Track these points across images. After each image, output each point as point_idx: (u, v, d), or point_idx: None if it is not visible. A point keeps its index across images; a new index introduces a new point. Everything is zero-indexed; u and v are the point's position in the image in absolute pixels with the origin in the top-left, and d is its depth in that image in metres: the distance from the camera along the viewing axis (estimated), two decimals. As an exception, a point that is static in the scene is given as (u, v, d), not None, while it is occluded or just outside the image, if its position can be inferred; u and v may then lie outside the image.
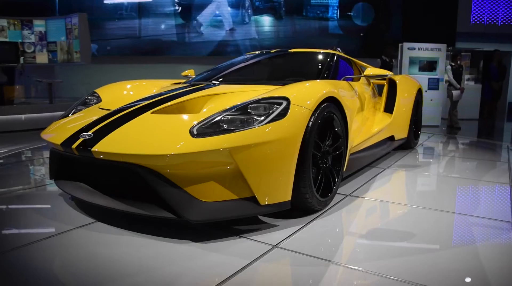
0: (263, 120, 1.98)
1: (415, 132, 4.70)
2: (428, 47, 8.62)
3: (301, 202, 2.23)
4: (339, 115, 2.54)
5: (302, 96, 2.20)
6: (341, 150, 2.59)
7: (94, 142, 2.06)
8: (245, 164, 1.89)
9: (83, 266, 1.70)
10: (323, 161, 2.42)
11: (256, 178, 1.93)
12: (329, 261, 1.74)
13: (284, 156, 2.01)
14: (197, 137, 1.90)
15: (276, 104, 2.08)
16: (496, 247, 1.97)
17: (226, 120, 2.02)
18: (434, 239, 2.04)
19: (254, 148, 1.90)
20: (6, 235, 2.06)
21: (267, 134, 1.94)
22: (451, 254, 1.85)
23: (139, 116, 2.28)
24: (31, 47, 8.85)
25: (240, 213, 1.98)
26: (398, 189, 3.08)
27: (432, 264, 1.75)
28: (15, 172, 3.52)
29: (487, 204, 2.77)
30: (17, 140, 5.23)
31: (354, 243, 1.98)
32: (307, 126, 2.13)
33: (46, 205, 2.56)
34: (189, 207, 1.89)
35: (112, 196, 2.11)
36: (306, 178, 2.14)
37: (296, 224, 2.16)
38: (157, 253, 1.80)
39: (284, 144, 1.99)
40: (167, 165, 1.87)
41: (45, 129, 2.59)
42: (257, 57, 3.87)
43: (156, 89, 3.10)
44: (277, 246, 1.88)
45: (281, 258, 1.78)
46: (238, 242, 1.94)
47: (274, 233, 2.04)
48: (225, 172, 1.91)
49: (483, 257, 1.82)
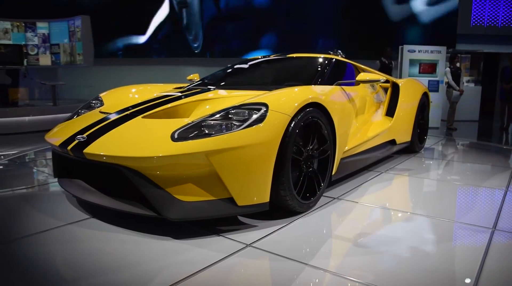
0: (240, 125, 2.08)
1: (420, 136, 4.68)
2: (428, 49, 8.66)
3: (282, 204, 2.32)
4: (325, 120, 2.62)
5: (282, 102, 2.29)
6: (327, 154, 2.67)
7: (87, 144, 2.20)
8: (222, 167, 1.99)
9: (69, 259, 1.83)
10: (306, 164, 2.50)
11: (233, 180, 2.03)
12: (298, 262, 1.82)
13: (261, 160, 2.10)
14: (177, 141, 2.01)
15: (255, 110, 2.17)
16: (467, 252, 2.03)
17: (207, 125, 2.12)
18: (410, 244, 2.09)
19: (230, 152, 1.99)
20: (8, 228, 2.23)
21: (244, 139, 2.03)
22: (422, 260, 1.91)
23: (130, 120, 2.42)
24: (34, 49, 9.03)
25: (218, 213, 2.08)
26: (388, 194, 3.09)
27: (407, 270, 1.81)
28: (18, 172, 3.67)
29: (474, 209, 2.78)
30: (21, 141, 5.38)
31: (329, 246, 2.04)
32: (286, 131, 2.22)
33: (47, 202, 2.70)
34: (169, 206, 2.00)
35: (104, 193, 2.25)
36: (285, 181, 2.23)
37: (275, 225, 2.25)
38: (141, 249, 1.93)
39: (261, 148, 2.08)
40: (148, 166, 1.99)
41: (49, 131, 2.75)
42: (257, 61, 3.98)
43: (157, 93, 3.22)
44: (251, 245, 1.98)
45: (251, 256, 1.88)
46: (215, 240, 2.04)
47: (251, 233, 2.14)
48: (204, 174, 2.01)
49: (454, 262, 1.89)
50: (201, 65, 11.10)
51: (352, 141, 3.20)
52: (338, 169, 2.91)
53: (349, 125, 3.16)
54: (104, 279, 1.65)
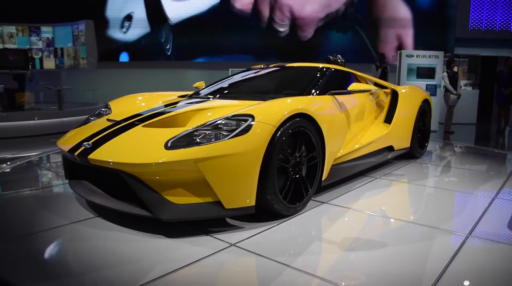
0: (228, 135, 2.26)
1: (421, 142, 4.77)
2: (426, 54, 8.80)
3: (268, 207, 2.50)
4: (313, 129, 2.77)
5: (268, 113, 2.46)
6: (316, 161, 2.83)
7: (92, 150, 2.43)
8: (210, 173, 2.17)
9: (75, 255, 2.08)
10: (294, 170, 2.67)
11: (220, 185, 2.21)
12: (278, 262, 1.97)
13: (247, 167, 2.28)
14: (170, 149, 2.20)
15: (242, 121, 2.35)
16: (435, 256, 2.13)
17: (199, 134, 2.31)
18: (383, 247, 2.20)
19: (218, 159, 2.18)
20: (23, 224, 2.53)
21: (231, 147, 2.21)
22: (389, 263, 2.02)
23: (131, 129, 2.64)
24: (38, 53, 9.26)
25: (206, 215, 2.28)
26: (378, 200, 3.15)
27: (376, 271, 1.96)
28: (32, 174, 3.92)
29: (457, 215, 2.84)
30: (31, 144, 5.64)
31: (310, 249, 2.16)
32: (272, 140, 2.39)
33: (58, 201, 2.99)
34: (162, 207, 2.20)
35: (107, 194, 2.48)
36: (270, 186, 2.40)
37: (260, 227, 2.42)
38: (140, 247, 2.15)
39: (246, 156, 2.26)
40: (143, 172, 2.19)
41: (61, 137, 2.98)
42: (257, 71, 4.18)
43: (162, 101, 3.44)
44: (235, 245, 2.16)
45: (234, 255, 2.06)
46: (203, 239, 2.25)
47: (237, 234, 2.32)
48: (194, 179, 2.20)
49: (419, 265, 2.01)
50: (205, 68, 11.31)
51: (345, 148, 3.32)
52: (329, 174, 3.06)
53: (340, 132, 3.27)
54: (107, 274, 1.86)
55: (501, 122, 7.92)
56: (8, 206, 2.93)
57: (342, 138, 3.31)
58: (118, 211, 2.34)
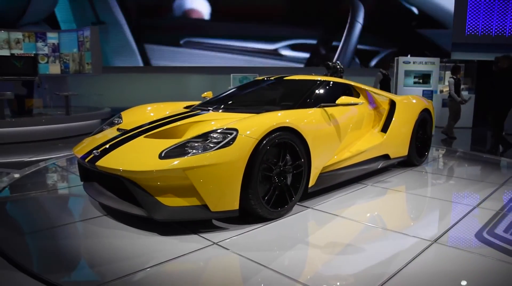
0: (214, 147, 2.54)
1: (421, 151, 4.85)
2: (423, 60, 9.01)
3: (252, 211, 2.76)
4: (298, 140, 3.00)
5: (251, 127, 2.71)
6: (301, 169, 3.07)
7: (99, 158, 2.77)
8: (197, 180, 2.46)
9: (85, 249, 2.43)
10: (279, 178, 2.92)
11: (206, 190, 2.50)
12: (254, 262, 2.19)
13: (230, 175, 2.55)
14: (162, 159, 2.50)
15: (228, 134, 2.63)
16: (395, 259, 2.26)
17: (190, 145, 2.60)
18: (359, 250, 2.37)
19: (204, 168, 2.46)
20: (39, 220, 2.97)
21: (216, 158, 2.49)
22: (351, 265, 2.18)
23: (134, 139, 2.97)
24: (44, 58, 9.58)
25: (194, 216, 2.57)
26: (362, 206, 3.25)
27: (338, 272, 2.16)
28: (43, 178, 4.26)
29: (432, 223, 2.93)
30: (42, 149, 5.94)
31: (288, 251, 2.36)
32: (254, 152, 2.64)
33: (71, 201, 3.50)
34: (156, 209, 2.51)
35: (112, 196, 2.83)
36: (252, 192, 2.67)
37: (243, 228, 2.69)
38: (138, 243, 2.47)
39: (229, 166, 2.53)
40: (140, 178, 2.51)
41: (77, 145, 3.34)
42: (257, 84, 4.49)
43: (169, 111, 3.76)
44: (217, 244, 2.45)
45: (214, 252, 2.33)
46: (190, 237, 2.55)
47: (221, 234, 2.60)
48: (183, 185, 2.49)
49: (376, 267, 2.16)
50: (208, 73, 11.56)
51: (337, 156, 3.54)
52: (316, 181, 3.29)
53: (328, 142, 3.45)
54: (111, 267, 2.15)
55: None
56: (30, 205, 3.33)
57: (331, 147, 3.50)
58: (120, 211, 2.69)
